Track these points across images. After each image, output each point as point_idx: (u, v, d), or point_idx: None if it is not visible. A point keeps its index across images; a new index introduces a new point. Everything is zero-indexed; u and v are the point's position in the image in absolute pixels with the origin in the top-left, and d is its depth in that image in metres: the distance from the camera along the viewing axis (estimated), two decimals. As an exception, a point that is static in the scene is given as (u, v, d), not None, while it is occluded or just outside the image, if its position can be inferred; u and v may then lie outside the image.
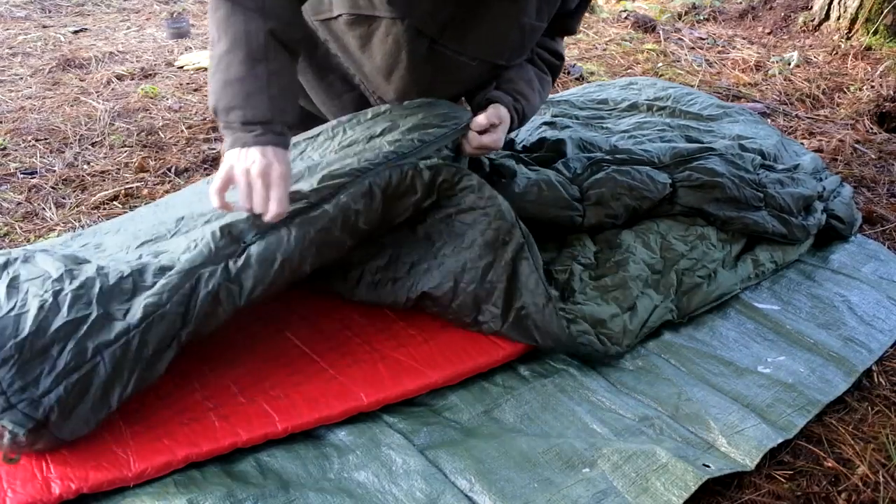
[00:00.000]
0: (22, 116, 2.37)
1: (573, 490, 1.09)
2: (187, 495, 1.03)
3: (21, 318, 1.06)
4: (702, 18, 4.11)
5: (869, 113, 2.68)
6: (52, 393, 1.03)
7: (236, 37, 1.15)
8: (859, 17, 3.57)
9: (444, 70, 1.42)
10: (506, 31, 1.39)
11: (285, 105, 1.18)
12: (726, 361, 1.40)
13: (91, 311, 1.09)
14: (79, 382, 1.05)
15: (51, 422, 1.03)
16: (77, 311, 1.08)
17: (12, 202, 1.88)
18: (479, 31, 1.37)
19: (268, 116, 1.15)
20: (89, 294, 1.11)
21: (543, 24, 1.44)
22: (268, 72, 1.15)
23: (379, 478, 1.10)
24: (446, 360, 1.31)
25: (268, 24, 1.16)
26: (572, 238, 1.60)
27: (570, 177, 1.64)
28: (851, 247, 1.83)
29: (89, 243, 1.40)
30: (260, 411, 1.16)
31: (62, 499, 1.01)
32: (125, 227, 1.44)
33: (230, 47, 1.16)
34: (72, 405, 1.04)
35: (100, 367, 1.06)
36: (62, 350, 1.05)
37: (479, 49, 1.40)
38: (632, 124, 2.03)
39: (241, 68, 1.15)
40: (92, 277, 1.13)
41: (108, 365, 1.07)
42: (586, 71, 3.09)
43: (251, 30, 1.15)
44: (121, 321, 1.10)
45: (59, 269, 1.15)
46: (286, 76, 1.19)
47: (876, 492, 1.15)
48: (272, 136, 1.15)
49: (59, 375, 1.04)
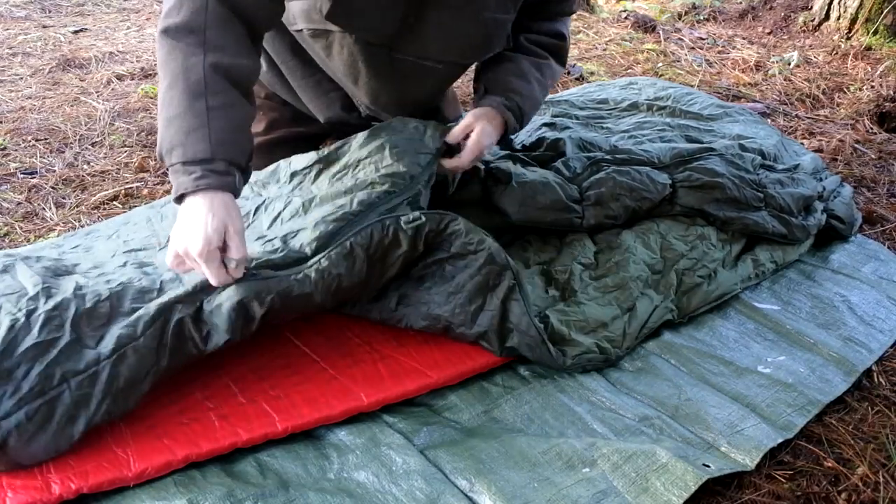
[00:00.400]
0: (22, 116, 2.37)
1: (573, 490, 1.09)
2: (187, 495, 1.03)
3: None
4: (702, 18, 4.11)
5: (869, 113, 2.68)
6: (13, 417, 1.00)
7: (175, 73, 1.11)
8: (859, 17, 3.57)
9: (411, 75, 1.41)
10: (466, 29, 1.35)
11: (230, 140, 1.11)
12: (726, 361, 1.40)
13: (63, 334, 1.07)
14: (42, 409, 1.02)
15: (9, 445, 1.00)
16: (48, 334, 1.06)
17: (12, 202, 1.88)
18: (437, 34, 1.34)
19: (208, 154, 1.08)
20: (63, 316, 1.08)
21: (509, 16, 1.39)
22: (208, 107, 1.09)
23: (379, 478, 1.10)
24: (446, 360, 1.31)
25: (209, 57, 1.11)
26: (572, 238, 1.60)
27: (570, 176, 1.64)
28: (851, 247, 1.83)
29: (80, 245, 1.39)
30: (260, 411, 1.16)
31: (62, 499, 1.00)
32: (119, 231, 1.43)
33: (171, 84, 1.12)
34: (32, 431, 1.01)
35: (65, 395, 1.04)
36: (28, 373, 1.02)
37: (442, 52, 1.37)
38: (632, 124, 2.02)
39: (181, 105, 1.10)
40: (68, 299, 1.11)
41: (75, 393, 1.04)
42: (586, 71, 3.09)
43: (190, 65, 1.11)
44: (92, 349, 1.07)
45: (37, 286, 1.13)
46: (232, 110, 1.12)
47: (876, 492, 1.15)
48: (215, 177, 1.08)
49: (21, 399, 1.01)
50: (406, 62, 1.38)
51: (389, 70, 1.40)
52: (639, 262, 1.54)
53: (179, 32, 1.13)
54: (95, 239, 1.41)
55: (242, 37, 1.17)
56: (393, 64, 1.39)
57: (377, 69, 1.40)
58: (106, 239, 1.41)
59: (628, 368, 1.38)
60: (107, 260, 1.31)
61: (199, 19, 1.12)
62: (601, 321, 1.41)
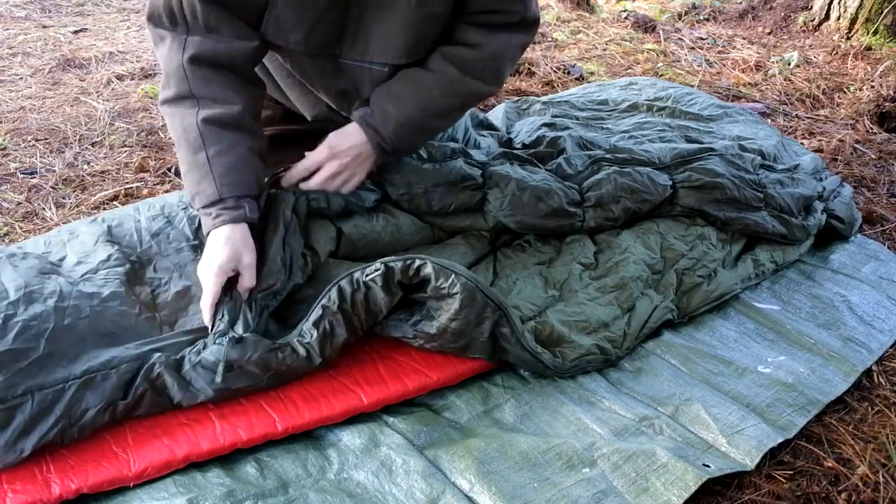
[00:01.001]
0: (22, 116, 2.37)
1: (573, 490, 1.09)
2: (187, 495, 1.03)
3: None
4: (702, 18, 4.11)
5: (869, 113, 2.68)
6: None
7: (178, 135, 1.28)
8: (859, 17, 3.57)
9: (363, 80, 1.40)
10: (401, 27, 1.32)
11: (232, 179, 1.26)
12: (726, 361, 1.40)
13: (37, 346, 1.07)
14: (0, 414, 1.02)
15: None
16: (22, 343, 1.06)
17: (12, 202, 1.88)
18: (377, 34, 1.33)
19: (216, 197, 1.24)
20: (40, 327, 1.09)
21: (443, 10, 1.32)
22: (208, 157, 1.25)
23: (379, 478, 1.10)
24: (446, 360, 1.30)
25: (200, 114, 1.26)
26: (572, 238, 1.60)
27: (571, 174, 1.64)
28: (851, 247, 1.83)
29: (62, 230, 1.40)
30: (260, 411, 1.16)
31: (62, 499, 1.00)
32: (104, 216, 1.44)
33: (178, 144, 1.29)
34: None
35: (26, 405, 1.03)
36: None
37: (380, 52, 1.36)
38: (632, 125, 2.02)
39: (188, 161, 1.27)
40: (48, 312, 1.11)
41: (36, 406, 1.04)
42: (586, 71, 3.09)
43: (187, 125, 1.26)
44: (63, 367, 1.07)
45: (19, 290, 1.13)
46: (229, 153, 1.26)
47: (876, 492, 1.15)
48: (227, 213, 1.24)
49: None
50: (353, 68, 1.39)
51: (338, 78, 1.41)
52: (639, 261, 1.54)
53: (174, 101, 1.29)
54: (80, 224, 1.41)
55: (229, 83, 1.29)
56: (341, 70, 1.40)
57: (328, 79, 1.41)
58: (90, 222, 1.41)
59: (628, 368, 1.38)
60: (89, 250, 1.32)
61: (184, 87, 1.27)
62: (602, 321, 1.41)
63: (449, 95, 1.39)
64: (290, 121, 1.64)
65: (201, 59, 1.27)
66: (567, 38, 3.57)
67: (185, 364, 1.15)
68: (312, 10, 1.29)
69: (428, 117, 1.41)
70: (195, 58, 1.26)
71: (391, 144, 1.40)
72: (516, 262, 1.54)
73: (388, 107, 1.38)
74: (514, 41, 1.41)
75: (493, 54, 1.39)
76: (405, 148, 1.45)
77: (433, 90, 1.38)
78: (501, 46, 1.39)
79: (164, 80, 1.30)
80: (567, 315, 1.40)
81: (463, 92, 1.40)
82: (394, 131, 1.38)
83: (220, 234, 1.24)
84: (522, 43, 1.45)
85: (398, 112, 1.37)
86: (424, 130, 1.45)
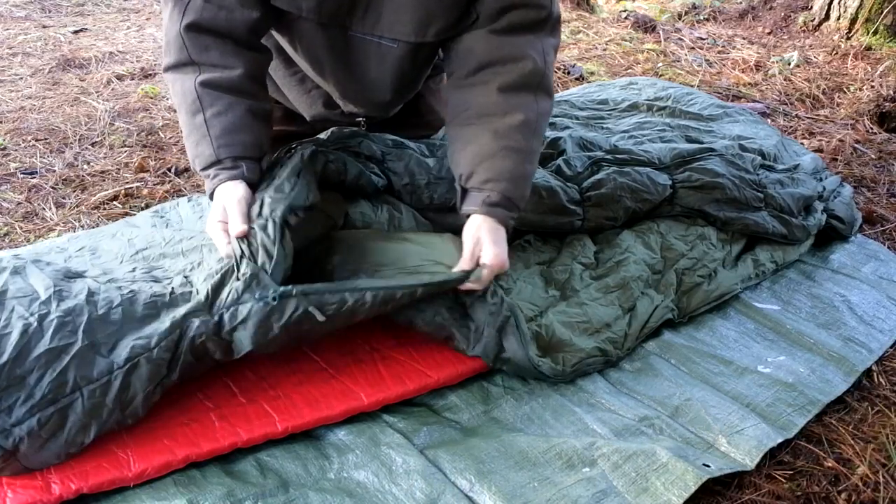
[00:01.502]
0: (22, 116, 2.37)
1: (573, 490, 1.09)
2: (187, 495, 1.03)
3: (3, 339, 1.03)
4: (702, 18, 4.12)
5: (869, 113, 2.69)
6: (25, 424, 1.00)
7: (178, 100, 1.29)
8: (859, 17, 3.58)
9: (369, 57, 1.37)
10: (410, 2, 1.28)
11: (229, 141, 1.25)
12: (726, 361, 1.40)
13: (75, 340, 1.06)
14: (54, 416, 1.02)
15: (20, 452, 1.00)
16: (60, 340, 1.05)
17: (12, 202, 1.88)
18: (389, 5, 1.29)
19: (213, 158, 1.25)
20: (76, 322, 1.08)
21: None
22: (205, 119, 1.25)
23: (379, 477, 1.10)
24: (446, 360, 1.30)
25: (199, 76, 1.26)
26: (572, 238, 1.60)
27: (571, 175, 1.64)
28: (851, 247, 1.83)
29: (85, 247, 1.39)
30: (260, 411, 1.16)
31: (62, 499, 1.00)
32: (123, 230, 1.43)
33: (178, 109, 1.30)
34: (44, 438, 1.01)
35: (77, 403, 1.03)
36: (40, 379, 1.02)
37: (395, 28, 1.31)
38: (632, 124, 2.02)
39: (187, 124, 1.28)
40: (81, 304, 1.10)
41: (87, 402, 1.03)
42: (586, 71, 3.09)
43: (186, 89, 1.27)
44: (105, 358, 1.07)
45: (48, 290, 1.12)
46: (228, 115, 1.26)
47: (876, 492, 1.15)
48: (225, 173, 1.25)
49: (34, 406, 1.00)
50: (363, 42, 1.35)
51: (347, 52, 1.37)
52: (639, 261, 1.54)
53: (174, 68, 1.29)
54: (100, 239, 1.41)
55: (229, 49, 1.28)
56: (350, 44, 1.36)
57: (337, 54, 1.37)
58: (111, 237, 1.40)
59: (628, 369, 1.38)
60: (115, 267, 1.30)
61: (183, 54, 1.27)
62: (604, 322, 1.41)
63: (532, 135, 1.31)
64: (289, 121, 1.64)
65: (199, 26, 1.26)
66: (567, 38, 3.57)
67: (223, 326, 1.12)
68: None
69: (530, 165, 1.33)
70: (193, 25, 1.25)
71: (518, 210, 1.31)
72: (517, 261, 1.54)
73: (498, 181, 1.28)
74: (549, 45, 1.34)
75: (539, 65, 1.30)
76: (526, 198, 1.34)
77: (521, 141, 1.29)
78: (542, 54, 1.31)
79: (165, 48, 1.30)
80: (569, 316, 1.40)
81: (538, 123, 1.32)
82: (518, 199, 1.30)
83: (219, 192, 1.24)
84: (556, 46, 1.37)
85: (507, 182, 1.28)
86: (531, 175, 1.35)
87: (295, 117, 1.61)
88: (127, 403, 1.07)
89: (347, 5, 1.31)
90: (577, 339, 1.36)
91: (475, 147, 1.30)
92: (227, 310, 1.12)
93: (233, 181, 1.24)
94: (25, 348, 1.03)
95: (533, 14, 1.31)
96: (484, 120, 1.30)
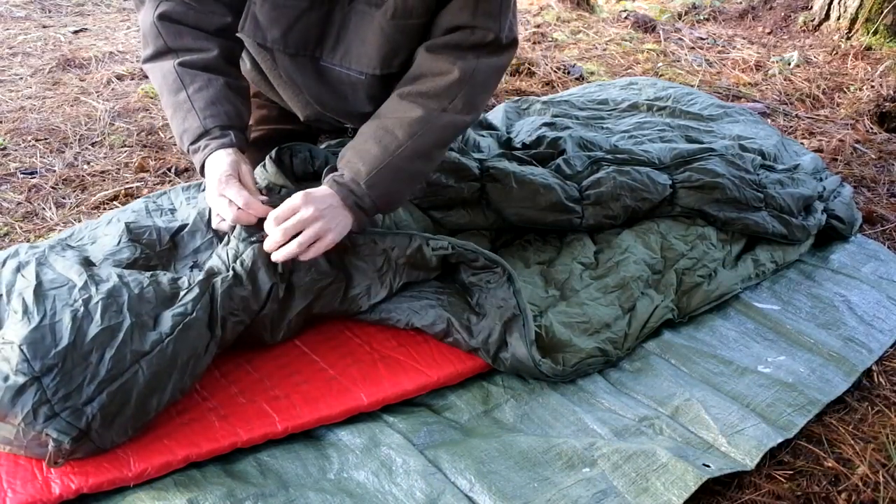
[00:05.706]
0: (22, 116, 2.37)
1: (573, 490, 1.09)
2: (187, 495, 1.03)
3: (56, 326, 1.06)
4: (702, 18, 4.12)
5: (869, 113, 2.68)
6: (95, 401, 1.03)
7: (159, 84, 1.33)
8: (859, 17, 3.57)
9: (341, 85, 1.39)
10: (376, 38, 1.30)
11: (214, 111, 1.28)
12: (726, 361, 1.40)
13: (123, 318, 1.10)
14: (120, 390, 1.05)
15: (92, 430, 1.03)
16: (110, 319, 1.09)
17: (12, 202, 1.88)
18: (354, 38, 1.32)
19: (201, 129, 1.28)
20: (118, 302, 1.12)
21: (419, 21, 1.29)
22: (188, 95, 1.28)
23: (379, 478, 1.10)
24: (446, 360, 1.31)
25: (177, 59, 1.30)
26: (572, 238, 1.60)
27: (571, 174, 1.64)
28: (851, 247, 1.83)
29: (84, 237, 1.41)
30: (260, 411, 1.16)
31: (62, 499, 1.00)
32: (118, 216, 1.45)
33: (161, 93, 1.33)
34: (113, 413, 1.05)
35: (139, 375, 1.07)
36: (101, 358, 1.06)
37: (362, 61, 1.33)
38: (632, 124, 2.03)
39: (172, 104, 1.31)
40: (118, 286, 1.15)
41: (147, 373, 1.08)
42: (586, 71, 3.09)
43: (165, 72, 1.31)
44: (152, 331, 1.11)
45: (82, 277, 1.16)
46: (208, 89, 1.29)
47: (876, 492, 1.15)
48: (215, 142, 1.27)
49: (101, 383, 1.04)
50: (334, 72, 1.37)
51: (320, 79, 1.39)
52: (639, 261, 1.54)
53: (153, 58, 1.33)
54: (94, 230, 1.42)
55: (201, 35, 1.33)
56: (322, 72, 1.38)
57: (311, 80, 1.39)
58: (106, 224, 1.43)
59: (628, 369, 1.38)
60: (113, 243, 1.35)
61: (159, 42, 1.31)
62: (604, 322, 1.40)
63: (418, 135, 1.27)
64: (284, 120, 1.64)
65: (171, 17, 1.30)
66: (567, 38, 3.57)
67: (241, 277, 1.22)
68: (291, 9, 1.29)
69: (403, 162, 1.27)
70: (165, 15, 1.30)
71: (370, 201, 1.26)
72: (517, 261, 1.54)
73: (356, 163, 1.26)
74: (485, 64, 1.30)
75: (461, 79, 1.27)
76: (389, 201, 1.31)
77: (398, 134, 1.27)
78: (471, 70, 1.28)
79: (143, 41, 1.34)
80: (569, 316, 1.40)
81: (433, 128, 1.28)
82: (368, 186, 1.25)
83: (211, 161, 1.26)
84: (497, 66, 1.34)
85: (368, 167, 1.25)
86: (404, 178, 1.30)
87: (290, 116, 1.61)
88: (183, 369, 1.12)
89: (315, 37, 1.34)
90: (577, 339, 1.36)
91: (357, 137, 1.32)
92: (236, 261, 1.23)
93: (223, 149, 1.26)
94: (80, 332, 1.07)
95: (478, 36, 1.28)
96: (378, 115, 1.32)
